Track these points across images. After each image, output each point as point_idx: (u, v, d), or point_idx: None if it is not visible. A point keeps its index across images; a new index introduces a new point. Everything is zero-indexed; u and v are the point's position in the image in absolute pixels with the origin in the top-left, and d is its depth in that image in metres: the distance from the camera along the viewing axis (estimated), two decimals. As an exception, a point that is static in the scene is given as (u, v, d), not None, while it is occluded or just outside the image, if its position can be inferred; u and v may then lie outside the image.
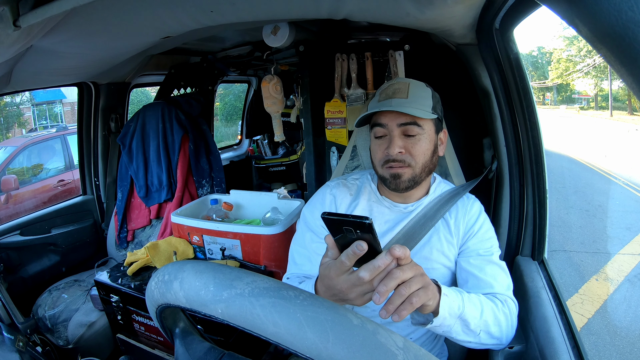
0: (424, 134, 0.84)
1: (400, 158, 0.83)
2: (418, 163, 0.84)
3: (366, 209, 0.92)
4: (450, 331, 0.68)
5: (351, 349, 0.35)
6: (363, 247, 0.53)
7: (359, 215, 0.51)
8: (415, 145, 0.83)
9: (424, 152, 0.84)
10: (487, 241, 0.86)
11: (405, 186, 0.84)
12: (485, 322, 0.71)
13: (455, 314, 0.66)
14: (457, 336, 0.70)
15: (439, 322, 0.65)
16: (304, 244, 0.94)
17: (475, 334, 0.70)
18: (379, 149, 0.86)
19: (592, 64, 21.24)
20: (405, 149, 0.83)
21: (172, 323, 0.57)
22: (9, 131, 8.13)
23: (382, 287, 0.54)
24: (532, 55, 29.48)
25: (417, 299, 0.56)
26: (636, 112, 17.48)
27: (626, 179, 5.81)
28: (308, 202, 1.00)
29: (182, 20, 0.98)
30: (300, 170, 2.43)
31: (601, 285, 2.67)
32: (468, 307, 0.68)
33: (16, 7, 0.72)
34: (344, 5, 0.87)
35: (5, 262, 1.61)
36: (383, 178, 0.87)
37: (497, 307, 0.74)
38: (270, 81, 1.56)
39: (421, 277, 0.58)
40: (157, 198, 1.78)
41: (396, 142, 0.83)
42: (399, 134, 0.84)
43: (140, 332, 1.30)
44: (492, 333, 0.72)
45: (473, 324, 0.69)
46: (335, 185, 0.98)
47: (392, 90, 0.86)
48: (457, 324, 0.68)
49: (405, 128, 0.83)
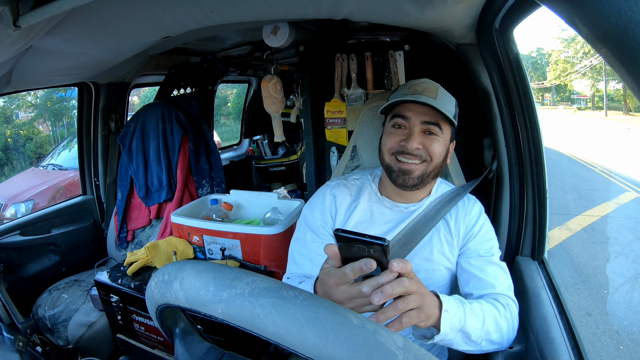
0: (442, 136, 0.84)
1: (416, 153, 0.83)
2: (433, 161, 0.84)
3: (366, 209, 0.92)
4: (451, 343, 0.68)
5: (351, 349, 0.35)
6: (372, 266, 0.52)
7: (376, 237, 0.50)
8: (434, 143, 0.83)
9: (440, 154, 0.84)
10: (487, 242, 0.86)
11: (414, 183, 0.84)
12: (487, 331, 0.71)
13: (456, 328, 0.66)
14: (458, 347, 0.70)
15: (440, 338, 0.65)
16: (305, 243, 0.94)
17: (477, 343, 0.71)
18: (394, 138, 0.85)
19: (589, 65, 21.37)
20: (423, 146, 0.83)
21: (172, 323, 0.57)
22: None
23: (375, 297, 0.52)
24: (532, 56, 29.55)
25: (407, 320, 0.56)
26: (632, 113, 17.69)
27: (604, 168, 7.26)
28: (308, 201, 1.00)
29: (182, 20, 0.97)
30: (300, 170, 2.43)
31: (561, 232, 4.18)
32: (470, 319, 0.68)
33: (16, 7, 0.71)
34: (344, 6, 0.87)
35: (5, 262, 1.61)
36: (389, 169, 0.86)
37: (499, 313, 0.74)
38: (270, 81, 1.56)
39: (419, 297, 0.57)
40: (157, 198, 1.78)
41: (416, 137, 0.82)
42: (419, 130, 0.83)
43: (140, 332, 1.30)
44: (493, 340, 0.72)
45: (474, 335, 0.69)
46: (335, 185, 0.97)
47: (422, 87, 0.86)
48: (458, 337, 0.68)
49: (428, 127, 0.83)
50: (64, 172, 4.27)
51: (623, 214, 4.83)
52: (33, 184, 4.12)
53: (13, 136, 7.30)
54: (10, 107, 7.48)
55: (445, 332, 0.64)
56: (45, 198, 3.92)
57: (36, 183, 4.13)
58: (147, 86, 2.37)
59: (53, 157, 4.87)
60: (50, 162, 4.69)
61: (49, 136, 7.77)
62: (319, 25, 1.39)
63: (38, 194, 3.95)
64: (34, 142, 7.33)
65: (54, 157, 4.86)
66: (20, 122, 7.71)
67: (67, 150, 4.80)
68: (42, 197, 3.93)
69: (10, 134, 7.30)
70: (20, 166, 6.75)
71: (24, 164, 6.87)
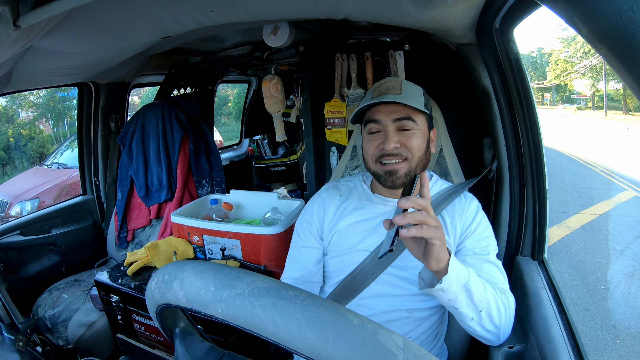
0: (418, 128, 0.85)
1: (396, 152, 0.83)
2: (414, 156, 0.84)
3: (357, 207, 0.93)
4: (455, 300, 0.69)
5: (351, 349, 0.35)
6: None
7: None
8: (411, 139, 0.84)
9: (419, 146, 0.85)
10: (483, 240, 0.86)
11: (402, 182, 0.84)
12: (488, 300, 0.72)
13: (461, 282, 0.68)
14: (461, 308, 0.71)
15: (447, 286, 0.67)
16: (293, 248, 0.99)
17: (478, 309, 0.71)
18: (372, 145, 0.86)
19: (589, 65, 21.42)
20: (400, 143, 0.83)
21: (172, 323, 0.57)
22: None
23: (402, 202, 0.62)
24: (532, 56, 29.58)
25: (423, 228, 0.62)
26: (631, 112, 17.75)
27: (604, 167, 7.31)
28: (304, 208, 1.03)
29: (182, 20, 0.97)
30: (300, 170, 2.43)
31: (560, 230, 4.22)
32: (473, 279, 0.70)
33: (16, 7, 0.72)
34: (344, 5, 0.87)
35: (5, 262, 1.61)
36: (377, 175, 0.87)
37: (497, 294, 0.76)
38: (270, 81, 1.56)
39: (439, 226, 0.64)
40: (157, 198, 1.78)
41: (392, 137, 0.83)
42: (394, 129, 0.84)
43: (140, 332, 1.30)
44: (492, 316, 0.73)
45: (477, 297, 0.70)
46: (326, 187, 1.01)
47: (385, 87, 0.87)
48: (462, 293, 0.69)
49: (401, 123, 0.84)
50: (69, 170, 4.29)
51: (622, 212, 4.88)
52: (38, 183, 4.14)
53: (15, 135, 7.32)
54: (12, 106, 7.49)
55: (452, 280, 0.67)
56: (51, 196, 3.94)
57: (41, 182, 4.16)
58: (147, 86, 2.37)
59: (57, 156, 4.90)
60: (55, 161, 4.71)
61: (51, 136, 7.79)
62: (319, 25, 1.39)
63: (43, 192, 3.97)
64: (35, 141, 7.35)
65: (57, 156, 4.89)
66: (22, 122, 7.73)
67: (70, 149, 4.83)
68: (47, 195, 3.95)
69: (12, 134, 7.32)
70: (22, 165, 6.77)
71: (25, 163, 6.89)
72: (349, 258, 0.90)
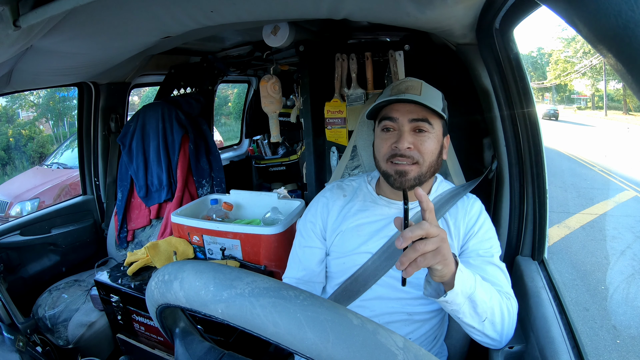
0: (433, 132, 0.83)
1: (408, 154, 0.82)
2: (426, 161, 0.83)
3: (361, 208, 0.92)
4: (458, 310, 0.69)
5: (351, 349, 0.35)
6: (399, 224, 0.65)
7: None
8: (425, 142, 0.82)
9: (432, 151, 0.83)
10: (487, 241, 0.86)
11: (411, 185, 0.83)
12: (492, 309, 0.72)
13: (466, 293, 0.68)
14: (463, 317, 0.70)
15: (452, 298, 0.66)
16: (296, 248, 0.98)
17: (481, 319, 0.71)
18: (386, 143, 0.84)
19: (589, 65, 21.41)
20: (414, 145, 0.82)
21: (172, 323, 0.57)
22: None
23: (397, 242, 0.60)
24: (532, 55, 29.58)
25: (422, 260, 0.60)
26: (631, 112, 17.77)
27: (603, 167, 7.44)
28: (307, 206, 1.02)
29: (182, 20, 0.97)
30: (300, 170, 2.43)
31: (560, 229, 4.25)
32: (479, 289, 0.70)
33: (16, 7, 0.71)
34: (344, 5, 0.87)
35: (5, 262, 1.61)
36: (386, 174, 0.85)
37: (502, 299, 0.75)
38: (268, 80, 1.56)
39: (439, 240, 0.61)
40: (157, 198, 1.78)
41: (406, 137, 0.82)
42: (409, 129, 0.83)
43: (140, 332, 1.30)
44: (495, 324, 0.73)
45: (481, 307, 0.70)
46: (330, 187, 1.00)
47: (405, 86, 0.85)
48: (466, 304, 0.69)
49: (417, 124, 0.82)
50: (69, 170, 4.29)
51: (621, 212, 4.91)
52: (38, 183, 4.14)
53: (15, 135, 7.31)
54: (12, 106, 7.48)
55: (457, 292, 0.66)
56: (51, 196, 3.93)
57: (41, 182, 4.15)
58: (147, 86, 2.37)
59: (57, 156, 4.89)
60: (55, 161, 4.70)
61: (51, 136, 7.78)
62: (319, 25, 1.39)
63: (43, 192, 3.97)
64: (35, 141, 7.35)
65: (57, 156, 4.88)
66: (22, 122, 7.73)
67: (70, 149, 4.83)
68: (47, 195, 3.94)
69: (12, 134, 7.31)
70: (22, 165, 6.77)
71: (25, 163, 6.89)
72: (351, 260, 0.89)
